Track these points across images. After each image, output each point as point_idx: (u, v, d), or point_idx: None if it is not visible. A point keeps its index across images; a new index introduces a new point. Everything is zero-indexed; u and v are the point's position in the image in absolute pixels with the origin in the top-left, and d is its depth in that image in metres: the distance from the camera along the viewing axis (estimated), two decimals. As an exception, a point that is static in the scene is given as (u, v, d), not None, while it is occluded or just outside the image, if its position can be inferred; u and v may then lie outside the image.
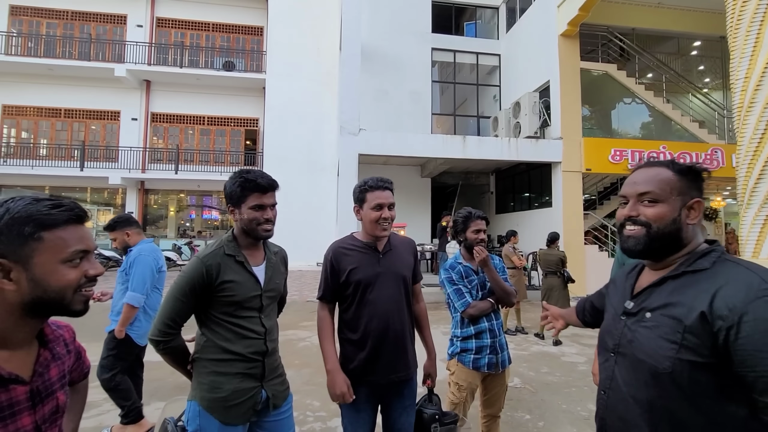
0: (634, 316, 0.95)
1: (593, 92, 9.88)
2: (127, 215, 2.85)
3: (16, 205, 0.73)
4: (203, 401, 1.41)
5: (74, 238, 0.77)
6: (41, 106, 13.95)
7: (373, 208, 1.67)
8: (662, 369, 0.84)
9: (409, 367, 1.74)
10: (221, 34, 15.18)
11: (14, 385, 0.74)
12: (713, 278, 0.85)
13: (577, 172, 9.10)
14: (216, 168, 14.34)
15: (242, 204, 1.46)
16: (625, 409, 0.92)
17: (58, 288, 0.75)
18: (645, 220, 0.94)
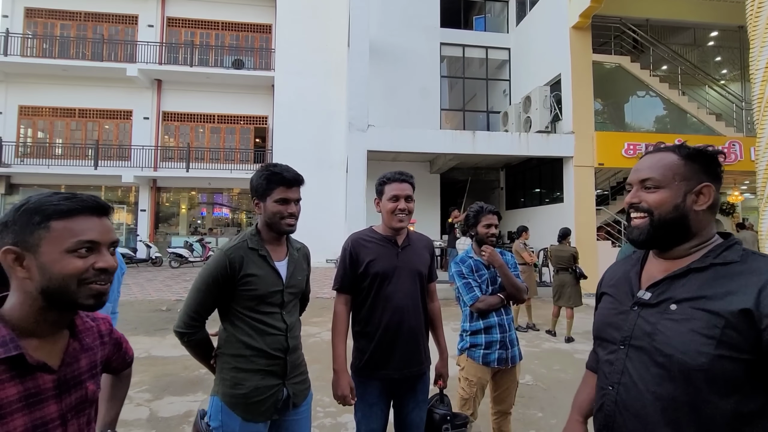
0: (653, 307, 0.89)
1: (606, 85, 9.69)
2: None
3: (34, 198, 0.77)
4: (225, 397, 1.41)
5: (82, 228, 0.78)
6: (56, 106, 14.21)
7: (390, 199, 1.71)
8: (696, 365, 0.79)
9: (422, 363, 1.75)
10: (230, 32, 15.27)
11: (41, 373, 0.76)
12: (753, 273, 0.81)
13: (589, 167, 8.95)
14: (226, 166, 14.46)
15: (267, 197, 1.46)
16: (642, 405, 0.85)
17: (61, 277, 0.76)
18: (646, 207, 0.91)
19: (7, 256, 0.75)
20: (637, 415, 0.86)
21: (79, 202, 0.79)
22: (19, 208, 0.76)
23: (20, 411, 0.72)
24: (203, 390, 3.56)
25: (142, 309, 6.65)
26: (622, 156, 8.97)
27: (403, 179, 1.73)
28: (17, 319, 0.77)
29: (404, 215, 1.71)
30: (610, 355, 0.95)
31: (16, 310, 0.77)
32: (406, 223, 1.73)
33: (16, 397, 0.72)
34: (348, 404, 1.68)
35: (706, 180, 0.89)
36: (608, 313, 0.99)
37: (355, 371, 1.75)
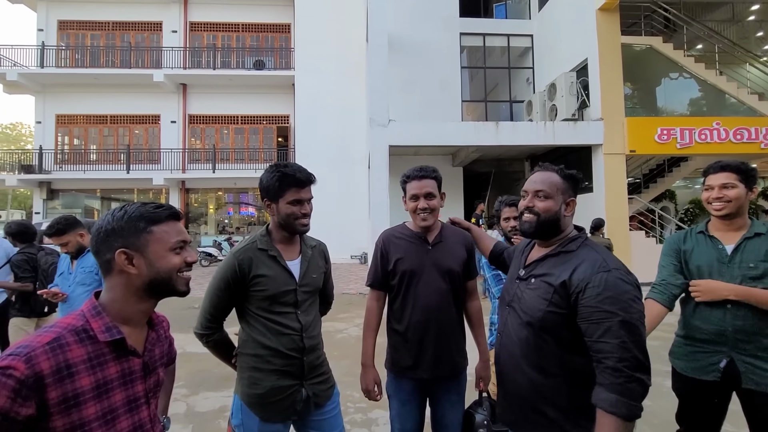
0: (525, 280, 1.30)
1: (636, 69, 9.25)
2: (73, 216, 2.69)
3: (130, 208, 0.93)
4: (244, 396, 1.43)
5: (174, 231, 0.96)
6: (89, 113, 14.85)
7: (410, 198, 1.67)
8: (536, 318, 1.20)
9: (454, 366, 1.70)
10: (250, 33, 15.49)
11: (133, 357, 0.92)
12: (576, 257, 1.20)
13: (620, 155, 8.59)
14: (251, 165, 14.74)
15: (279, 199, 1.44)
16: (511, 344, 1.28)
17: (167, 270, 0.93)
18: (537, 211, 1.27)
19: (122, 256, 0.89)
20: (509, 352, 1.29)
21: (167, 210, 0.96)
22: (122, 217, 0.91)
23: (119, 387, 0.88)
24: (236, 385, 3.64)
25: (175, 306, 6.86)
26: (655, 142, 8.56)
27: (423, 175, 1.68)
28: (117, 309, 0.91)
29: (427, 214, 1.66)
30: (503, 313, 1.37)
31: (117, 302, 0.91)
32: (430, 222, 1.67)
33: (116, 375, 0.88)
34: (373, 399, 1.68)
35: (573, 195, 1.30)
36: (506, 284, 1.44)
37: (389, 369, 1.74)
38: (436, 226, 1.74)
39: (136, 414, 0.91)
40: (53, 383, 0.78)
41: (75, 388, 0.80)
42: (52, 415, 0.78)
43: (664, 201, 11.83)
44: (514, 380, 1.26)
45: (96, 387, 0.84)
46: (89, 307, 0.90)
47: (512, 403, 1.29)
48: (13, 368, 0.75)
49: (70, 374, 0.80)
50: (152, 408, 0.97)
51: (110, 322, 0.88)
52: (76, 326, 0.86)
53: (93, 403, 0.83)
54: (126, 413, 0.89)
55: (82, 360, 0.83)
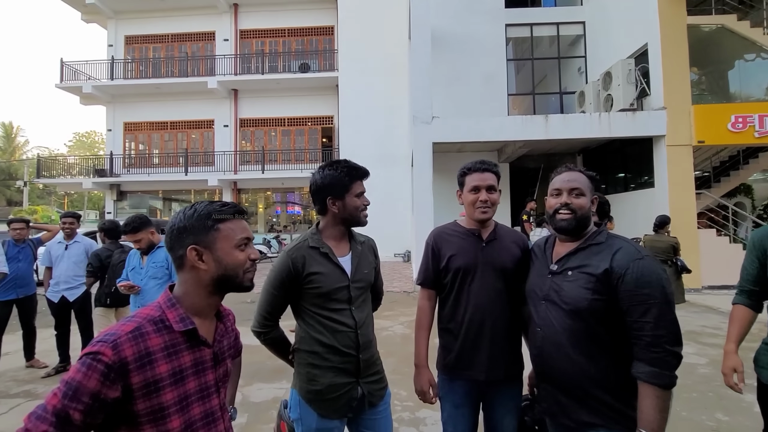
0: (559, 274, 1.36)
1: (703, 52, 8.45)
2: (145, 215, 2.95)
3: (199, 206, 0.98)
4: (302, 391, 1.46)
5: (239, 228, 1.00)
6: (152, 120, 16.08)
7: (471, 190, 1.63)
8: (582, 307, 1.27)
9: (510, 369, 1.62)
10: (296, 38, 15.99)
11: (204, 347, 0.96)
12: (609, 247, 1.31)
13: (686, 146, 7.89)
14: (297, 166, 15.24)
15: (347, 193, 1.47)
16: (556, 335, 1.32)
17: (234, 266, 0.97)
18: (574, 207, 1.35)
19: (192, 253, 0.94)
20: (555, 343, 1.33)
21: (233, 208, 1.00)
22: (193, 215, 0.96)
23: (192, 376, 0.93)
24: (287, 379, 3.74)
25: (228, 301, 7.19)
26: (728, 131, 7.77)
27: (485, 168, 1.64)
28: (189, 302, 0.96)
29: (487, 207, 1.61)
30: (538, 308, 1.41)
31: (189, 295, 0.97)
32: (489, 215, 1.63)
33: (189, 364, 0.93)
34: (428, 401, 1.64)
35: (595, 193, 1.42)
36: (533, 282, 1.47)
37: (441, 369, 1.70)
38: (490, 224, 1.69)
39: (208, 402, 0.96)
40: (136, 369, 0.83)
41: (154, 375, 0.86)
42: (135, 399, 0.83)
43: (738, 196, 10.71)
44: (562, 370, 1.31)
45: (173, 374, 0.89)
46: (165, 299, 0.96)
47: (559, 394, 1.34)
48: (102, 354, 0.81)
49: (150, 361, 0.86)
50: (221, 397, 1.02)
51: (184, 313, 0.94)
52: (154, 317, 0.92)
53: (170, 389, 0.88)
54: (198, 401, 0.94)
55: (160, 348, 0.88)
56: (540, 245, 1.54)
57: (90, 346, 0.84)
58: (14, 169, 31.40)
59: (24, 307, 4.17)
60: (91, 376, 0.79)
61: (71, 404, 0.78)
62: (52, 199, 34.24)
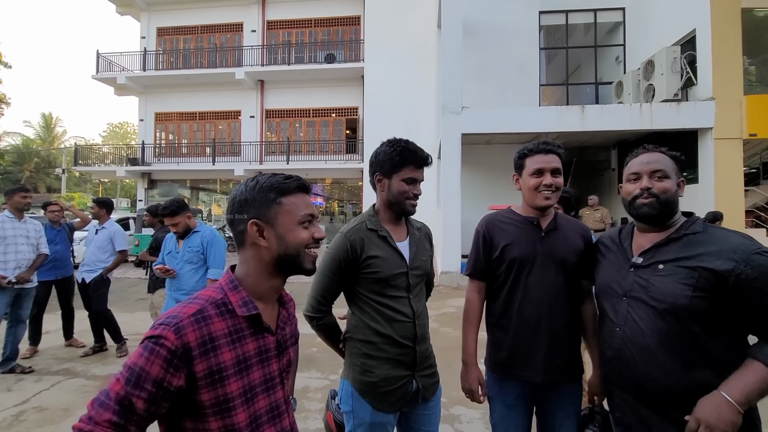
0: (646, 268, 1.21)
1: (759, 38, 7.86)
2: (182, 200, 2.94)
3: (262, 178, 0.90)
4: (355, 383, 1.38)
5: (303, 203, 0.91)
6: (181, 111, 16.40)
7: (533, 174, 1.47)
8: (681, 304, 1.11)
9: (570, 370, 1.49)
10: (322, 28, 15.92)
11: (267, 334, 0.89)
12: (712, 239, 1.15)
13: (736, 139, 7.38)
14: (321, 157, 15.27)
15: (394, 174, 1.38)
16: (643, 337, 1.16)
17: (295, 244, 0.88)
18: (656, 192, 1.20)
19: (253, 227, 0.86)
20: (641, 346, 1.17)
21: (296, 181, 0.91)
22: (255, 187, 0.88)
23: (257, 365, 0.85)
24: (316, 368, 3.74)
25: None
26: (783, 123, 7.23)
27: (549, 149, 1.48)
28: (251, 284, 0.88)
29: (551, 192, 1.45)
30: (615, 306, 1.26)
31: (251, 276, 0.88)
32: (553, 201, 1.46)
33: (254, 352, 0.85)
34: (476, 400, 1.53)
35: (682, 176, 1.25)
36: (609, 276, 1.31)
37: (490, 367, 1.58)
38: (550, 212, 1.54)
39: (273, 394, 0.89)
40: (199, 355, 0.77)
41: (219, 362, 0.79)
42: (200, 388, 0.77)
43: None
44: (647, 377, 1.15)
45: (237, 363, 0.82)
46: (227, 280, 0.88)
47: (640, 404, 1.18)
48: (164, 338, 0.75)
49: (213, 347, 0.79)
50: (286, 388, 0.95)
51: (246, 297, 0.86)
52: (216, 299, 0.84)
53: (235, 379, 0.81)
54: (263, 392, 0.87)
55: (224, 334, 0.81)
56: (612, 236, 1.39)
57: (152, 329, 0.78)
58: (53, 158, 32.87)
59: (62, 288, 4.31)
60: (154, 362, 0.73)
61: (134, 391, 0.73)
62: (88, 187, 35.70)
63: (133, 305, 6.16)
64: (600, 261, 1.40)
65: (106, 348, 4.24)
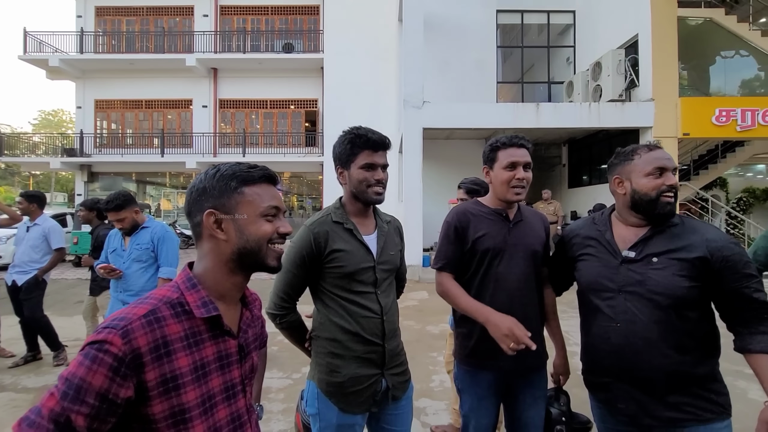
0: (639, 262, 1.24)
1: (691, 45, 8.54)
2: (129, 192, 2.69)
3: (224, 167, 0.84)
4: (321, 383, 1.32)
5: (268, 195, 0.84)
6: (126, 98, 15.23)
7: (506, 167, 1.47)
8: (678, 296, 1.17)
9: (539, 357, 1.52)
10: (280, 16, 15.37)
11: (228, 338, 0.82)
12: (694, 231, 1.22)
13: (671, 138, 8.01)
14: (279, 150, 14.82)
15: (351, 163, 1.32)
16: (643, 330, 1.20)
17: (257, 238, 0.81)
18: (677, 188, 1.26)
19: (210, 218, 0.80)
20: (642, 338, 1.21)
21: (262, 171, 0.84)
22: (215, 175, 0.82)
23: (216, 372, 0.78)
24: (278, 367, 3.62)
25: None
26: (712, 124, 7.93)
27: (521, 144, 1.49)
28: (211, 282, 0.81)
29: (521, 187, 1.47)
30: (609, 301, 1.27)
31: (210, 273, 0.81)
32: (523, 196, 1.49)
33: (213, 357, 0.78)
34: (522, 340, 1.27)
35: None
36: (597, 272, 1.31)
37: (461, 360, 1.57)
38: (514, 204, 1.56)
39: (234, 403, 0.82)
40: (151, 362, 0.69)
41: (173, 369, 0.71)
42: (151, 399, 0.69)
43: (714, 189, 11.08)
44: (650, 365, 1.20)
45: (194, 369, 0.74)
46: (184, 278, 0.81)
47: (640, 392, 1.23)
48: (109, 343, 0.66)
49: (167, 353, 0.71)
50: (248, 396, 0.87)
51: (206, 297, 0.79)
52: (171, 299, 0.76)
53: (192, 387, 0.73)
54: (224, 401, 0.79)
55: (179, 337, 0.74)
56: (587, 229, 1.40)
57: (95, 333, 0.69)
58: (-27, 148, 29.46)
59: (-14, 293, 3.85)
60: (97, 371, 0.64)
61: (73, 406, 0.63)
62: (16, 180, 32.40)
63: (72, 308, 5.65)
64: (583, 257, 1.38)
65: (41, 357, 3.85)
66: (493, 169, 1.51)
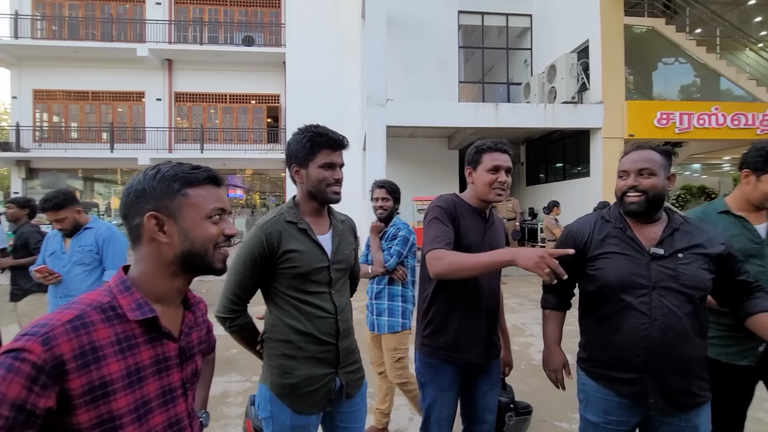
0: (667, 258, 1.29)
1: (636, 51, 9.12)
2: (70, 191, 2.51)
3: (164, 167, 0.81)
4: (274, 386, 1.30)
5: (213, 196, 0.83)
6: (69, 89, 14.14)
7: (490, 170, 1.53)
8: (705, 287, 1.28)
9: (498, 345, 1.66)
10: (239, 8, 14.83)
11: (167, 341, 0.80)
12: (702, 230, 1.35)
13: (618, 138, 8.54)
14: (240, 146, 14.35)
15: (310, 162, 1.30)
16: (680, 323, 1.27)
17: (203, 240, 0.80)
18: (643, 188, 1.30)
19: (151, 221, 0.77)
20: (678, 331, 1.27)
21: (206, 172, 0.83)
22: (155, 176, 0.79)
23: (153, 376, 0.76)
24: (237, 371, 3.53)
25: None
26: (654, 126, 8.53)
27: (505, 149, 1.56)
28: (149, 284, 0.79)
29: (503, 189, 1.54)
30: (643, 298, 1.30)
31: (148, 276, 0.79)
32: (503, 198, 1.56)
33: (149, 361, 0.76)
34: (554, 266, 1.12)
35: (671, 170, 1.34)
36: (628, 270, 1.32)
37: (428, 353, 1.60)
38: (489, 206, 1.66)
39: (172, 408, 0.80)
40: (76, 369, 0.66)
41: (102, 376, 0.69)
42: (76, 407, 0.66)
43: (656, 186, 11.90)
44: (685, 357, 1.28)
45: (127, 374, 0.72)
46: (117, 281, 0.78)
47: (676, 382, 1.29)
48: (27, 351, 0.63)
49: (96, 359, 0.69)
50: (189, 401, 0.85)
51: (141, 299, 0.77)
52: (101, 303, 0.74)
53: (124, 393, 0.71)
54: (160, 407, 0.77)
55: (110, 342, 0.71)
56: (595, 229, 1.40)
57: (13, 340, 0.65)
58: None
59: None
60: (12, 381, 0.61)
61: None
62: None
63: (7, 316, 5.20)
64: (606, 255, 1.36)
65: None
66: (477, 171, 1.57)
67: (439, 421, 1.58)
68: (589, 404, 1.42)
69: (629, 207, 1.32)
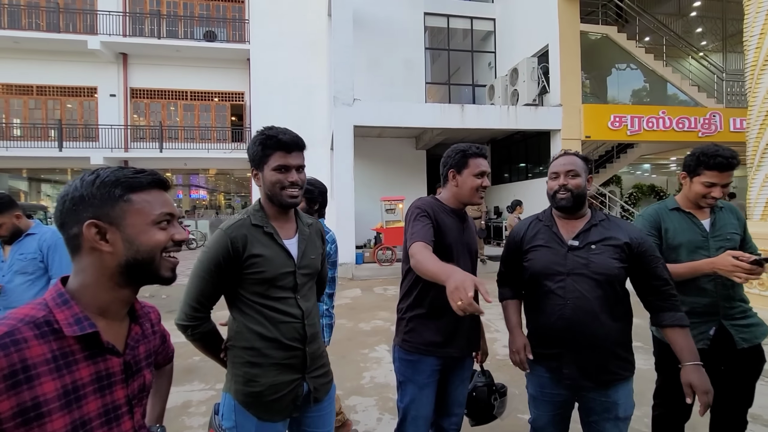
0: (581, 249, 1.49)
1: (591, 57, 9.61)
2: (7, 194, 2.36)
3: (104, 172, 0.77)
4: (238, 395, 1.26)
5: (159, 201, 0.79)
6: (10, 83, 13.12)
7: (476, 175, 1.62)
8: (614, 274, 1.45)
9: (476, 342, 1.73)
10: (200, 1, 14.29)
11: (111, 356, 0.76)
12: (618, 225, 1.53)
13: (576, 140, 8.95)
14: (202, 145, 13.85)
15: (264, 165, 1.28)
16: (590, 304, 1.45)
17: (149, 248, 0.77)
18: (570, 187, 1.51)
19: (91, 230, 0.73)
20: (587, 311, 1.46)
21: (151, 176, 0.79)
22: (93, 182, 0.75)
23: (93, 394, 0.72)
24: (199, 379, 3.40)
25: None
26: (608, 128, 9.00)
27: (485, 155, 1.68)
28: (89, 297, 0.75)
29: (484, 192, 1.67)
30: (560, 283, 1.50)
31: (89, 288, 0.75)
32: (483, 200, 1.70)
33: (89, 379, 0.72)
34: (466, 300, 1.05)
35: (589, 174, 1.57)
36: (547, 260, 1.54)
37: (409, 349, 1.61)
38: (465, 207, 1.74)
39: (116, 426, 0.76)
40: (5, 390, 0.62)
41: (35, 396, 0.64)
42: (5, 431, 0.63)
43: (611, 185, 12.60)
44: (594, 335, 1.46)
45: (63, 394, 0.67)
46: (54, 294, 0.73)
47: (589, 358, 1.47)
48: None
49: (28, 378, 0.64)
50: (137, 418, 0.81)
51: (80, 313, 0.72)
52: (35, 318, 0.69)
53: (61, 414, 0.67)
54: (103, 426, 0.73)
55: (45, 360, 0.67)
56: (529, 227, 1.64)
57: None
58: None
59: None
60: None
61: None
62: None
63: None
64: (534, 248, 1.60)
65: None
66: (462, 174, 1.62)
67: (415, 420, 1.59)
68: (530, 380, 1.63)
69: (560, 203, 1.53)
